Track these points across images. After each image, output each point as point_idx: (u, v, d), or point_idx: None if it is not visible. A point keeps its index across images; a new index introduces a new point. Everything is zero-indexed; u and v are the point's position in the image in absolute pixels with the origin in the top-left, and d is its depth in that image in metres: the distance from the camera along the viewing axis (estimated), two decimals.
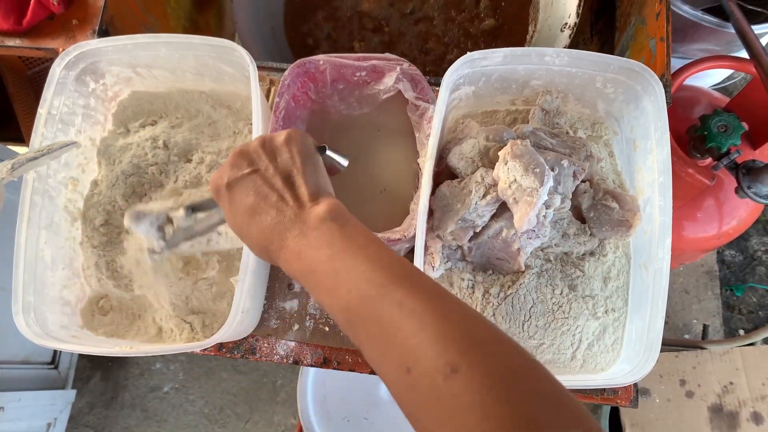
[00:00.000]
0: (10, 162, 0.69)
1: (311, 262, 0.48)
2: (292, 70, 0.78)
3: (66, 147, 0.73)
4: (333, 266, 0.46)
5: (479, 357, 0.38)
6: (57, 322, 0.76)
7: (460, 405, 0.36)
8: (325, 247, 0.48)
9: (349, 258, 0.46)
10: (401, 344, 0.40)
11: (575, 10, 1.08)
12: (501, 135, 0.77)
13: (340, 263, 0.46)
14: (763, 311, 1.93)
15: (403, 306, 0.42)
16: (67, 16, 0.95)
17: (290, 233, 0.50)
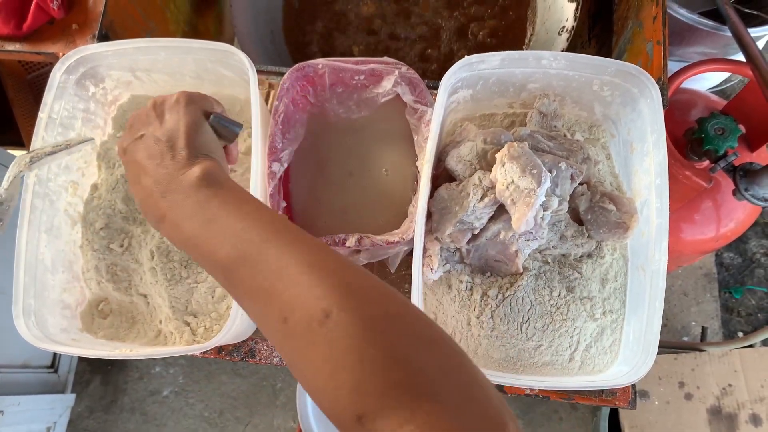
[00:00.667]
0: (28, 155, 0.70)
1: (189, 231, 0.48)
2: (291, 74, 0.78)
3: (83, 143, 0.74)
4: (210, 231, 0.47)
5: (354, 302, 0.39)
6: (57, 325, 0.77)
7: (335, 349, 0.37)
8: (199, 214, 0.48)
9: (224, 220, 0.47)
10: (279, 296, 0.41)
11: (573, 13, 1.09)
12: (498, 138, 0.78)
13: (216, 226, 0.47)
14: (762, 313, 1.93)
15: (280, 259, 0.43)
16: (68, 21, 0.95)
17: (167, 201, 0.50)
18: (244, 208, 0.48)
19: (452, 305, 0.76)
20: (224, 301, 0.79)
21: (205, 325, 0.77)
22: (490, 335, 0.75)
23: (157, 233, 0.82)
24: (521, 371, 0.74)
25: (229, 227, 0.46)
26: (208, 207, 0.48)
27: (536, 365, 0.74)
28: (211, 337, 0.76)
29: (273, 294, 0.42)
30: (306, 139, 0.86)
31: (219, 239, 0.46)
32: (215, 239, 0.46)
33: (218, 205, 0.48)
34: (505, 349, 0.74)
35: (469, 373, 0.38)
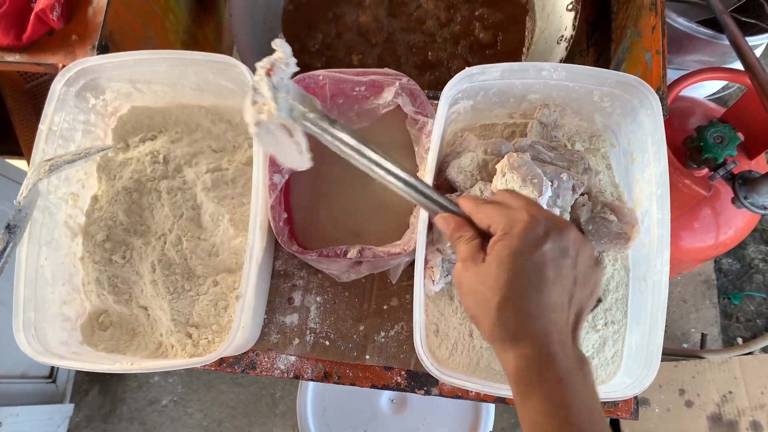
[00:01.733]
0: (47, 163, 0.71)
1: (535, 390, 0.47)
2: None
3: (102, 151, 0.76)
4: (568, 403, 0.46)
5: None
6: (57, 338, 0.76)
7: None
8: (560, 397, 0.46)
9: (582, 403, 0.46)
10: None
11: (571, 22, 1.09)
12: (499, 148, 0.78)
13: (575, 402, 0.46)
14: (761, 319, 1.93)
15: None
16: (67, 32, 0.95)
17: (541, 348, 0.47)
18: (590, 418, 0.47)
19: (454, 317, 0.76)
20: (226, 313, 0.79)
21: (207, 338, 0.77)
22: (492, 347, 0.74)
23: (158, 245, 0.81)
24: None
25: (581, 416, 0.45)
26: (575, 383, 0.47)
27: None
28: (213, 349, 0.76)
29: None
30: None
31: (574, 414, 0.45)
32: (570, 412, 0.45)
33: (584, 388, 0.47)
34: None
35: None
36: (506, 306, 0.48)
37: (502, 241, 0.50)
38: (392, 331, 0.85)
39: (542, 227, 0.50)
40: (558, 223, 0.51)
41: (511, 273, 0.49)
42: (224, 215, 0.81)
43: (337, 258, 0.74)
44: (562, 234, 0.50)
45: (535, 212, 0.51)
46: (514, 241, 0.49)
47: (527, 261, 0.49)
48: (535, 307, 0.48)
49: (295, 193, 0.87)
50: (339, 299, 0.86)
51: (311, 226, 0.87)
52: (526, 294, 0.48)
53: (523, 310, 0.48)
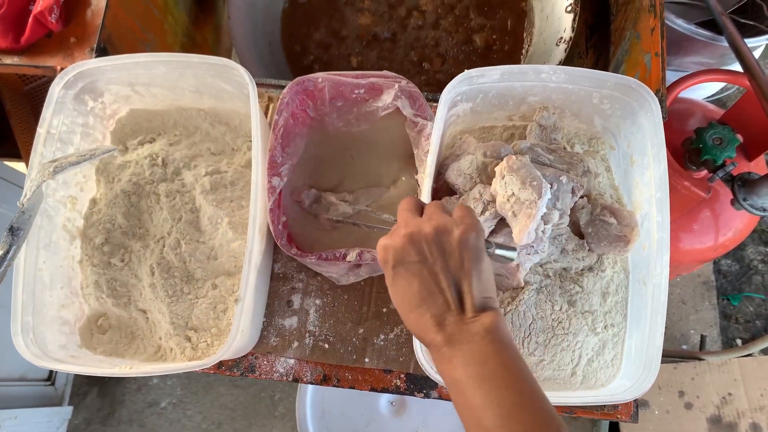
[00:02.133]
0: (52, 165, 0.71)
1: (460, 373, 0.49)
2: (291, 88, 0.78)
3: (108, 152, 0.77)
4: (482, 389, 0.48)
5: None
6: (56, 341, 0.76)
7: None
8: (476, 365, 0.49)
9: (499, 386, 0.47)
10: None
11: (570, 24, 1.09)
12: (498, 151, 0.78)
13: (489, 388, 0.48)
14: (760, 320, 1.93)
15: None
16: (65, 34, 0.95)
17: (446, 336, 0.50)
18: (520, 384, 0.48)
19: None
20: (225, 316, 0.78)
21: (206, 341, 0.77)
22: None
23: (156, 248, 0.81)
24: None
25: (503, 397, 0.47)
26: (487, 364, 0.49)
27: (538, 380, 0.74)
28: (212, 352, 0.76)
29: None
30: (306, 153, 0.86)
31: (489, 402, 0.47)
32: (485, 400, 0.47)
33: (496, 367, 0.49)
34: None
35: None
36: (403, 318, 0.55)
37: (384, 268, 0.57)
38: (391, 334, 0.84)
39: (393, 253, 0.54)
40: (412, 236, 0.54)
41: (392, 294, 0.56)
42: (223, 218, 0.80)
43: (337, 261, 0.74)
44: (410, 245, 0.54)
45: (387, 245, 0.55)
46: (386, 269, 0.56)
47: (391, 285, 0.55)
48: (410, 315, 0.53)
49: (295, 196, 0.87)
50: (338, 302, 0.86)
51: (310, 229, 0.87)
52: (402, 307, 0.54)
53: (407, 320, 0.54)
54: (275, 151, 0.77)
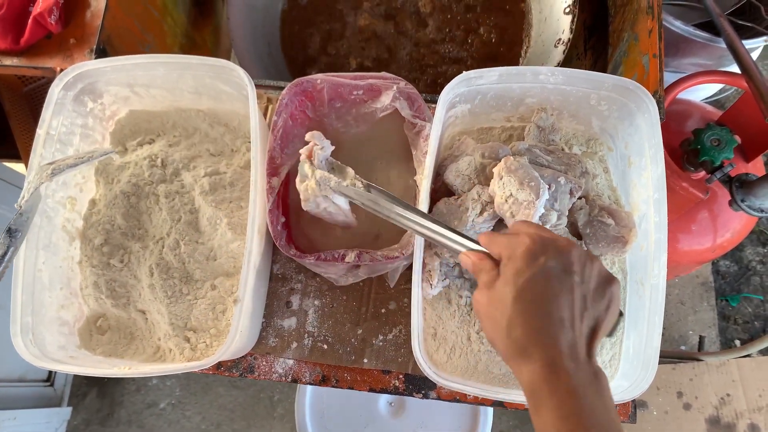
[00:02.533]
0: (50, 167, 0.71)
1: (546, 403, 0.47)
2: (290, 89, 0.78)
3: (106, 155, 0.78)
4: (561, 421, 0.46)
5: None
6: (55, 342, 0.76)
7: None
8: (571, 410, 0.46)
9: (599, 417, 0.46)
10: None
11: (569, 26, 1.09)
12: (497, 152, 0.78)
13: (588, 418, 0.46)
14: (759, 321, 1.93)
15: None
16: (65, 35, 0.95)
17: (557, 375, 0.47)
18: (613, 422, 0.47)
19: (452, 320, 0.76)
20: (224, 317, 0.79)
21: (205, 342, 0.77)
22: (490, 350, 0.74)
23: (156, 249, 0.81)
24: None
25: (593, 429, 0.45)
26: (587, 396, 0.47)
27: None
28: (211, 353, 0.76)
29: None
30: None
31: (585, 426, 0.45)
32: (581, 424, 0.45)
33: (598, 401, 0.47)
34: (505, 364, 0.74)
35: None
36: (514, 324, 0.50)
37: (507, 265, 0.53)
38: (390, 335, 0.85)
39: (540, 247, 0.51)
40: (558, 242, 0.52)
41: (515, 292, 0.50)
42: (222, 219, 0.81)
43: (336, 261, 0.74)
44: (562, 252, 0.52)
45: (536, 234, 0.53)
46: (516, 263, 0.51)
47: (528, 279, 0.50)
48: (540, 323, 0.49)
49: (293, 196, 0.87)
50: (337, 303, 0.86)
51: (308, 230, 0.87)
52: (531, 310, 0.50)
53: (530, 325, 0.49)
54: (274, 152, 0.77)
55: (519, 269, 0.51)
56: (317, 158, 0.69)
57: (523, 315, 0.50)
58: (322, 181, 0.68)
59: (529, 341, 0.49)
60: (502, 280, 0.52)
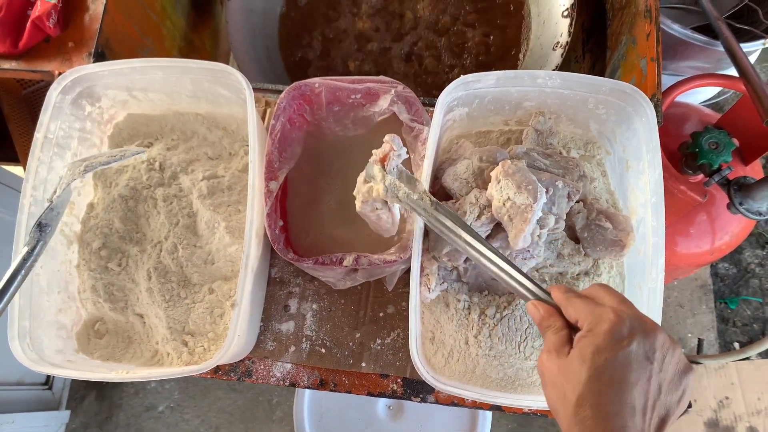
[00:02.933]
0: (83, 164, 0.73)
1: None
2: (288, 92, 0.78)
3: (136, 154, 0.80)
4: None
5: None
6: (52, 346, 0.76)
7: None
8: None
9: None
10: None
11: (567, 29, 1.10)
12: (494, 156, 0.78)
13: None
14: (758, 323, 1.93)
15: None
16: (63, 39, 0.95)
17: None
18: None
19: (450, 324, 0.76)
20: (222, 321, 0.79)
21: (203, 346, 0.77)
22: (488, 354, 0.74)
23: (153, 253, 0.81)
24: (519, 390, 0.74)
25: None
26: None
27: (534, 384, 0.74)
28: (209, 357, 0.76)
29: None
30: (302, 158, 0.86)
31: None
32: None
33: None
34: (503, 368, 0.74)
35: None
36: (584, 404, 0.47)
37: (586, 338, 0.50)
38: (388, 339, 0.85)
39: (627, 327, 0.49)
40: (646, 325, 0.50)
41: (591, 371, 0.48)
42: (220, 223, 0.81)
43: (333, 265, 0.74)
44: (649, 336, 0.49)
45: (623, 311, 0.50)
46: (597, 339, 0.49)
47: (609, 361, 0.48)
48: (613, 408, 0.47)
49: (291, 200, 0.88)
50: (335, 307, 0.86)
51: (307, 234, 0.87)
52: (605, 393, 0.47)
53: (601, 409, 0.47)
54: (272, 156, 0.77)
55: (600, 348, 0.48)
56: (390, 163, 0.67)
57: (597, 397, 0.47)
58: (390, 187, 0.65)
59: (597, 425, 0.47)
60: (578, 354, 0.49)
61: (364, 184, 0.68)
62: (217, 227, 0.81)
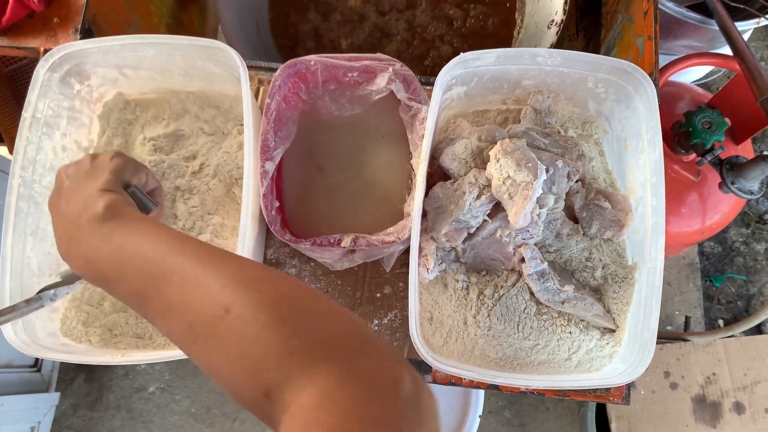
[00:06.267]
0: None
1: (99, 263, 0.50)
2: (283, 71, 0.77)
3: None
4: (116, 258, 0.49)
5: (247, 293, 0.41)
6: (45, 329, 0.75)
7: (236, 338, 0.40)
8: (105, 246, 0.50)
9: (130, 246, 0.49)
10: (186, 306, 0.43)
11: (562, 6, 1.08)
12: (493, 135, 0.77)
13: (123, 253, 0.48)
14: (742, 301, 1.96)
15: (185, 269, 0.45)
16: (48, 14, 0.92)
17: (75, 239, 0.52)
18: (151, 232, 0.50)
19: (448, 304, 0.76)
20: None
21: None
22: (486, 334, 0.74)
23: None
24: (518, 370, 0.74)
25: (136, 252, 0.48)
26: (112, 237, 0.50)
27: (533, 364, 0.74)
28: None
29: (180, 305, 0.43)
30: (298, 137, 0.85)
31: (127, 265, 0.48)
32: (123, 266, 0.48)
33: (123, 233, 0.50)
34: (501, 348, 0.74)
35: (362, 334, 0.40)
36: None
37: None
38: (385, 319, 0.84)
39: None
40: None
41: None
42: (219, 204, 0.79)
43: (331, 247, 0.74)
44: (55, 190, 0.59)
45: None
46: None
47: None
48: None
49: (287, 180, 0.86)
50: (332, 288, 0.85)
51: (303, 214, 0.86)
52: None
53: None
54: (267, 136, 0.76)
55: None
56: None
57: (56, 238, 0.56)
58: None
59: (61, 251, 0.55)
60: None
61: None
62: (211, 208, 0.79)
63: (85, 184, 0.56)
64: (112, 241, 0.50)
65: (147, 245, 0.48)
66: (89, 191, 0.54)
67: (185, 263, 0.45)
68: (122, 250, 0.49)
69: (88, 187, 0.55)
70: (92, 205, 0.53)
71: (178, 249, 0.47)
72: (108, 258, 0.49)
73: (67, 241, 0.53)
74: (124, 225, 0.51)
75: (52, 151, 0.78)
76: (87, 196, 0.54)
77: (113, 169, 0.58)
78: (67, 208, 0.54)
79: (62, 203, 0.56)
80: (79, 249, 0.52)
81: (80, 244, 0.51)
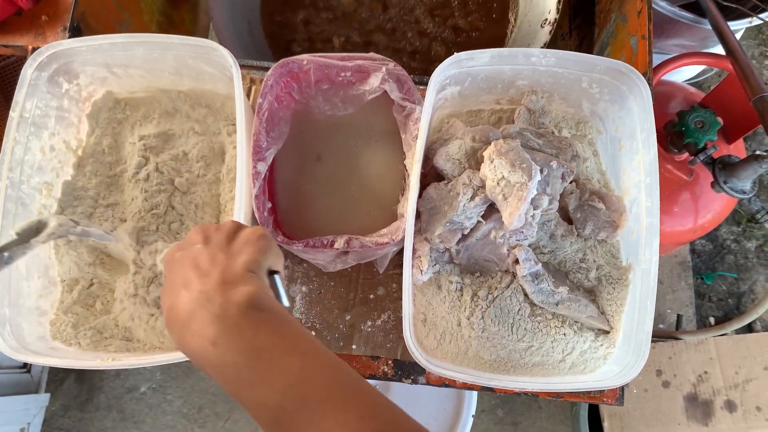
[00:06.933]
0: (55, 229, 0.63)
1: (230, 358, 0.44)
2: (275, 70, 0.76)
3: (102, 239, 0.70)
4: (252, 355, 0.43)
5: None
6: (33, 333, 0.74)
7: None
8: (245, 341, 0.44)
9: (276, 352, 0.44)
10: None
11: (555, 5, 1.08)
12: (487, 135, 0.77)
13: (266, 361, 0.43)
14: (733, 299, 1.97)
15: (337, 415, 0.41)
16: (36, 12, 0.91)
17: (206, 316, 0.45)
18: (300, 344, 0.45)
19: (442, 306, 0.76)
20: None
21: None
22: (480, 336, 0.74)
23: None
24: (512, 372, 0.74)
25: (284, 365, 0.43)
26: (256, 333, 0.44)
27: (527, 365, 0.74)
28: None
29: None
30: (291, 138, 0.84)
31: (265, 374, 0.43)
32: (262, 372, 0.43)
33: (268, 335, 0.45)
34: (495, 350, 0.74)
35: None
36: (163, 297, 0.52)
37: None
38: (379, 321, 0.84)
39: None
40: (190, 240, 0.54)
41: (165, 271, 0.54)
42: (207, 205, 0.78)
43: (324, 248, 0.73)
44: (192, 233, 0.55)
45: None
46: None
47: (167, 260, 0.54)
48: (166, 288, 0.51)
49: (279, 181, 0.85)
50: (325, 289, 0.85)
51: (295, 215, 0.85)
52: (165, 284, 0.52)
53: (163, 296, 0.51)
54: (260, 136, 0.75)
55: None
56: None
57: (165, 305, 0.50)
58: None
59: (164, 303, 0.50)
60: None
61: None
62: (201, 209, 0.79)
63: (224, 254, 0.51)
64: (256, 338, 0.44)
65: (300, 360, 0.43)
66: (231, 265, 0.49)
67: (329, 419, 0.41)
68: (266, 353, 0.43)
69: (227, 260, 0.50)
70: (233, 282, 0.47)
71: (325, 388, 0.43)
72: (243, 351, 0.44)
73: (189, 307, 0.46)
74: (267, 320, 0.46)
75: (40, 152, 0.76)
76: (226, 269, 0.49)
77: (262, 248, 0.52)
78: (197, 273, 0.49)
79: (189, 263, 0.50)
80: (202, 322, 0.45)
81: (206, 318, 0.45)
